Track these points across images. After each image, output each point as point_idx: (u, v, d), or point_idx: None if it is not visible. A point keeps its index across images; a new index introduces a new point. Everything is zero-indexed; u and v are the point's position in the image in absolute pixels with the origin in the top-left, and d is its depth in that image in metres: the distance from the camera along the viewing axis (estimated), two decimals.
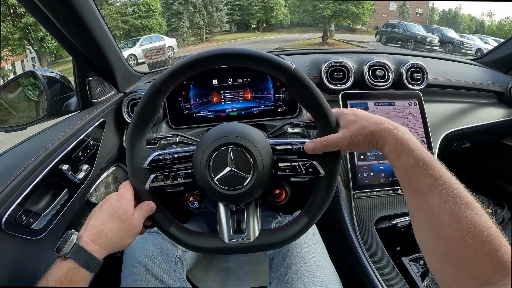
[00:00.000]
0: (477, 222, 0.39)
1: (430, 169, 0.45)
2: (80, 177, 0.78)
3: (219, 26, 16.56)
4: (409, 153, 0.48)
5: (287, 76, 0.57)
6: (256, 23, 17.92)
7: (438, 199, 0.43)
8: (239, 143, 0.57)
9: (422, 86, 1.07)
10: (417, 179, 0.46)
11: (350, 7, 15.60)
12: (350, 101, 0.96)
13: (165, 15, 15.61)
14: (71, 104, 0.99)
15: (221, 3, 16.32)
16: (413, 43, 12.60)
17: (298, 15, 16.82)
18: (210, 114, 1.01)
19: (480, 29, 22.24)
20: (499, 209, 1.25)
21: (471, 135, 1.18)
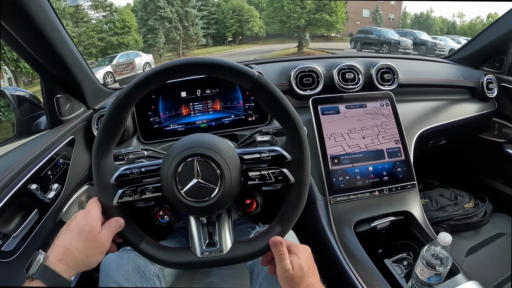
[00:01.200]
0: None
1: None
2: (50, 197, 0.76)
3: (195, 41, 16.54)
4: None
5: (251, 84, 0.56)
6: (232, 36, 17.97)
7: None
8: (205, 154, 0.56)
9: (393, 86, 1.08)
10: None
11: (324, 15, 15.86)
12: (321, 106, 0.96)
13: (141, 31, 15.54)
14: (41, 123, 0.97)
15: (197, 18, 16.32)
16: (387, 47, 12.87)
17: (273, 26, 16.96)
18: (180, 127, 1.00)
19: (452, 30, 22.96)
20: (481, 203, 1.26)
21: (446, 131, 1.19)
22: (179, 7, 15.55)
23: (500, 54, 1.43)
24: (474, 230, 1.20)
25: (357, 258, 0.84)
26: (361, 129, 0.96)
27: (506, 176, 1.43)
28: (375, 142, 0.96)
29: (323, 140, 0.93)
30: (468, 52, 1.44)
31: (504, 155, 1.38)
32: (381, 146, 0.97)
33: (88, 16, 14.71)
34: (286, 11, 15.84)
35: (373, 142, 0.96)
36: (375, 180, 0.94)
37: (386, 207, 0.94)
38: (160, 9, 14.99)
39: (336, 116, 0.96)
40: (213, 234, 0.64)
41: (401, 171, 0.97)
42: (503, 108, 1.39)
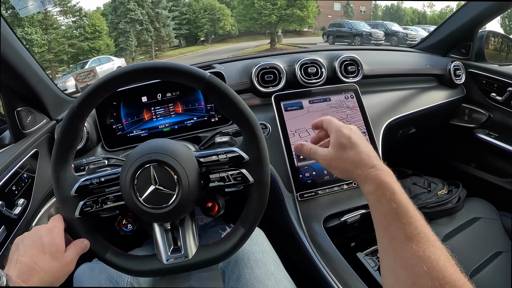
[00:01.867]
0: (454, 273, 0.39)
1: (411, 217, 0.44)
2: (16, 212, 0.74)
3: (167, 42, 16.52)
4: (392, 197, 0.46)
5: (203, 85, 0.55)
6: (205, 36, 18.06)
7: (417, 248, 0.41)
8: (160, 160, 0.55)
9: (358, 78, 1.07)
10: (396, 225, 0.44)
11: (295, 11, 16.03)
12: (284, 102, 0.94)
13: (112, 35, 15.41)
14: (5, 138, 0.94)
15: (168, 19, 16.27)
16: (359, 39, 13.18)
17: (245, 24, 17.01)
18: (144, 132, 0.97)
19: (423, 19, 23.78)
20: (454, 189, 1.26)
21: (415, 120, 1.19)
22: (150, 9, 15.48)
23: (467, 41, 1.44)
24: (449, 216, 1.21)
25: (328, 254, 0.83)
26: None
27: (479, 160, 1.44)
28: None
29: (287, 137, 0.91)
30: (435, 40, 1.45)
31: (475, 139, 1.39)
32: None
33: (57, 22, 14.43)
34: (257, 8, 15.95)
35: None
36: None
37: (356, 200, 0.93)
38: (130, 11, 14.92)
39: (300, 112, 0.94)
40: (177, 239, 0.63)
41: None
42: (472, 94, 1.40)
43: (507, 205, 1.30)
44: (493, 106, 1.37)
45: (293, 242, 0.90)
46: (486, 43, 1.48)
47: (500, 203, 1.30)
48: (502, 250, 1.12)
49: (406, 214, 0.44)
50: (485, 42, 1.46)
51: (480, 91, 1.39)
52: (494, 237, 1.19)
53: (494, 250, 1.11)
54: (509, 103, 1.31)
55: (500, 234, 1.21)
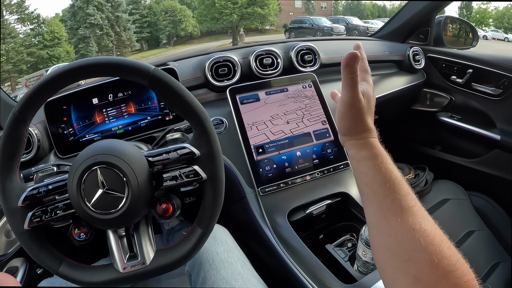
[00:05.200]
0: (450, 247, 0.38)
1: (407, 189, 0.42)
2: None
3: (129, 46, 16.18)
4: (390, 167, 0.44)
5: (148, 79, 0.52)
6: (167, 38, 17.84)
7: (413, 221, 0.39)
8: (107, 161, 0.52)
9: (316, 67, 1.05)
10: (393, 196, 0.41)
11: (256, 9, 16.20)
12: (239, 95, 0.91)
13: (71, 41, 14.93)
14: None
15: (128, 22, 15.96)
16: (321, 35, 13.44)
17: (207, 24, 17.03)
18: (97, 136, 0.92)
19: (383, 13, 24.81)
20: (421, 172, 1.28)
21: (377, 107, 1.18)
22: (109, 13, 15.16)
23: (425, 26, 1.46)
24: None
25: (295, 248, 0.81)
26: (284, 114, 0.93)
27: (444, 143, 1.47)
28: (300, 125, 0.93)
29: (244, 131, 0.88)
30: (393, 28, 1.46)
31: (439, 123, 1.41)
32: (307, 129, 0.94)
33: (15, 30, 13.86)
34: (218, 7, 16.02)
35: (298, 126, 0.93)
36: (305, 165, 0.91)
37: (321, 191, 0.91)
38: (89, 16, 14.54)
39: (256, 104, 0.92)
40: (133, 246, 0.59)
41: (332, 152, 0.95)
42: (432, 78, 1.42)
43: (475, 185, 1.32)
44: (454, 89, 1.40)
45: (258, 238, 0.87)
46: (444, 28, 1.51)
47: (468, 183, 1.32)
48: (474, 229, 1.14)
49: (403, 185, 0.42)
50: (443, 27, 1.49)
51: (440, 75, 1.41)
52: (465, 217, 1.20)
53: (467, 230, 1.12)
54: (469, 85, 1.34)
55: (471, 213, 1.23)
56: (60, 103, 0.88)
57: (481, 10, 22.77)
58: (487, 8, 22.58)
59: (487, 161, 1.34)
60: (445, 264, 0.36)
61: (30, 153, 0.84)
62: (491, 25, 22.42)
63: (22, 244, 0.55)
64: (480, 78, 1.32)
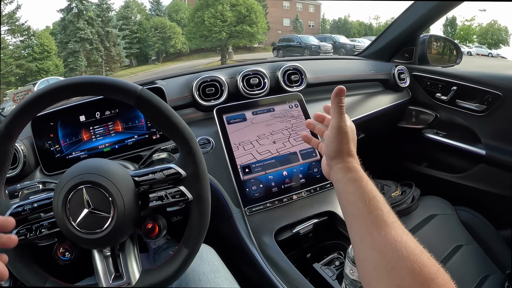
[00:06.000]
0: (430, 258, 0.40)
1: (388, 207, 0.46)
2: None
3: (118, 62, 16.26)
4: (373, 187, 0.49)
5: (134, 99, 0.54)
6: (156, 54, 17.97)
7: (395, 234, 0.42)
8: (92, 181, 0.52)
9: (302, 87, 1.07)
10: (377, 212, 0.45)
11: (245, 27, 16.51)
12: (226, 115, 0.92)
13: (61, 55, 14.92)
14: None
15: (118, 37, 16.06)
16: (308, 53, 13.70)
17: (196, 41, 17.22)
18: (83, 153, 0.92)
19: (369, 31, 25.71)
20: (408, 189, 1.29)
21: (363, 125, 1.21)
22: (100, 28, 15.23)
23: (409, 45, 1.51)
24: (405, 217, 1.22)
25: (282, 267, 0.81)
26: (271, 134, 0.94)
27: (430, 159, 1.49)
28: (286, 145, 0.94)
29: (231, 150, 0.89)
30: (378, 47, 1.50)
31: (424, 139, 1.44)
32: (293, 148, 0.95)
33: (5, 42, 13.73)
34: (207, 25, 16.24)
35: (284, 145, 0.94)
36: (291, 184, 0.92)
37: (307, 210, 0.92)
38: (80, 30, 14.57)
39: (243, 124, 0.93)
40: (119, 265, 0.59)
41: (318, 171, 0.96)
42: (417, 96, 1.46)
43: (461, 199, 1.34)
44: (439, 106, 1.43)
45: (245, 258, 0.87)
46: (428, 47, 1.55)
47: (455, 198, 1.33)
48: (462, 243, 1.14)
49: (385, 204, 0.46)
50: (427, 45, 1.54)
51: (425, 93, 1.45)
52: (453, 232, 1.21)
53: (455, 244, 1.13)
54: (454, 102, 1.37)
55: (458, 228, 1.23)
56: (47, 120, 0.88)
57: (465, 27, 23.65)
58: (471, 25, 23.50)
59: (473, 175, 1.36)
60: (426, 272, 0.38)
61: (16, 169, 0.83)
62: (475, 41, 23.24)
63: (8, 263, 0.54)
64: (464, 95, 1.35)
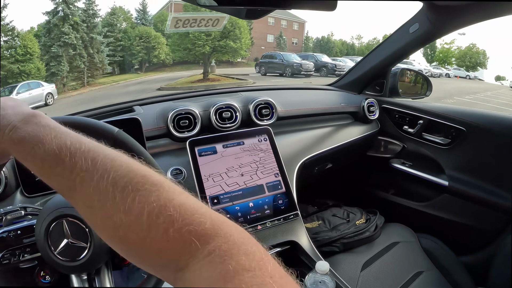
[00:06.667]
0: (131, 206, 0.31)
1: (60, 162, 0.34)
2: None
3: (100, 69, 16.01)
4: (32, 153, 0.36)
5: (112, 140, 0.58)
6: (139, 63, 17.81)
7: (82, 196, 0.33)
8: (72, 214, 0.57)
9: (272, 120, 1.13)
10: (53, 180, 0.35)
11: (228, 42, 16.51)
12: (198, 147, 0.97)
13: (43, 58, 14.56)
14: None
15: (102, 44, 15.88)
16: (290, 71, 13.80)
17: (179, 54, 17.22)
18: None
19: (351, 51, 26.34)
20: (372, 216, 1.35)
21: (331, 156, 1.27)
22: (84, 33, 15.00)
23: (380, 78, 1.59)
24: (368, 244, 1.27)
25: None
26: (239, 167, 0.99)
27: (396, 187, 1.56)
28: (254, 178, 1.00)
29: (201, 182, 0.94)
30: (351, 78, 1.58)
31: (391, 168, 1.51)
32: (260, 181, 1.00)
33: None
34: (191, 38, 16.20)
35: (252, 178, 0.99)
36: (257, 215, 0.97)
37: (271, 240, 0.96)
38: (64, 35, 14.27)
39: (214, 157, 0.98)
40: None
41: (283, 202, 1.01)
42: (386, 127, 1.54)
43: (424, 227, 1.41)
44: (406, 137, 1.51)
45: None
46: (400, 80, 1.64)
47: (418, 226, 1.40)
48: (422, 270, 1.19)
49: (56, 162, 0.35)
50: (398, 78, 1.62)
51: (394, 125, 1.53)
52: (414, 259, 1.26)
53: (415, 271, 1.17)
54: (420, 135, 1.45)
55: (420, 255, 1.29)
56: None
57: (445, 49, 24.56)
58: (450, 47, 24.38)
59: (436, 204, 1.43)
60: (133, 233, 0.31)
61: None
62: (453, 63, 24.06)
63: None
64: (430, 129, 1.43)
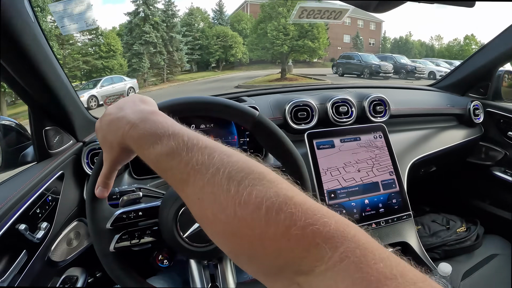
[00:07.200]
0: (247, 200, 0.28)
1: (177, 156, 0.35)
2: (39, 237, 0.71)
3: (179, 66, 16.79)
4: (150, 150, 0.38)
5: (251, 123, 0.56)
6: (216, 62, 18.37)
7: (194, 189, 0.32)
8: None
9: (385, 118, 1.10)
10: (167, 175, 0.36)
11: (307, 42, 16.28)
12: (316, 140, 0.97)
13: (125, 55, 15.70)
14: (28, 155, 0.91)
15: (181, 43, 16.61)
16: (369, 72, 13.15)
17: (257, 53, 17.34)
18: None
19: (431, 52, 24.24)
20: (472, 226, 1.28)
21: (436, 159, 1.22)
22: (164, 32, 15.84)
23: (485, 80, 1.48)
24: (468, 254, 1.22)
25: None
26: (356, 163, 0.98)
27: (495, 197, 1.46)
28: (369, 174, 0.98)
29: (319, 175, 0.94)
30: (454, 80, 1.50)
31: (492, 177, 1.41)
32: (376, 178, 0.98)
33: (74, 38, 14.65)
34: (269, 38, 16.22)
35: (368, 175, 0.98)
36: (372, 213, 0.96)
37: (384, 239, 0.95)
38: (145, 34, 15.26)
39: (331, 150, 0.97)
40: (215, 276, 0.62)
41: (396, 202, 0.99)
42: (489, 132, 1.44)
43: None
44: (509, 144, 1.40)
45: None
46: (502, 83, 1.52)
47: None
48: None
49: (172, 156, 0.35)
50: (501, 81, 1.51)
51: (497, 130, 1.43)
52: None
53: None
54: None
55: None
56: None
57: None
58: None
59: None
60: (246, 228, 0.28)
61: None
62: None
63: (105, 265, 0.56)
64: None
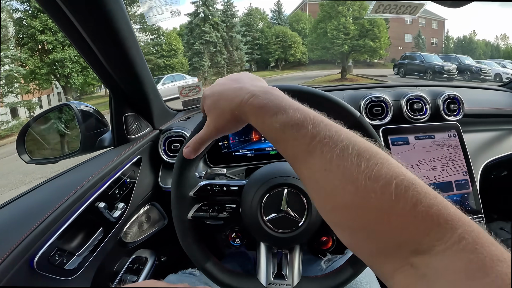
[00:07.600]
0: (378, 175, 0.29)
1: (304, 128, 0.35)
2: (115, 216, 0.75)
3: (239, 65, 17.05)
4: (274, 119, 0.37)
5: (351, 122, 0.55)
6: (275, 62, 18.51)
7: (320, 161, 0.32)
8: (296, 185, 0.56)
9: (459, 116, 1.07)
10: (289, 144, 0.36)
11: (367, 41, 15.90)
12: (391, 136, 0.97)
13: (186, 54, 16.25)
14: (105, 140, 0.95)
15: (241, 43, 16.90)
16: (431, 73, 12.43)
17: (317, 52, 17.12)
18: (250, 153, 1.00)
19: (496, 53, 22.49)
20: None
21: (508, 162, 1.17)
22: (224, 32, 16.25)
23: None
24: None
25: None
26: (430, 161, 0.97)
27: None
28: (443, 174, 0.96)
29: None
30: None
31: None
32: (449, 178, 0.97)
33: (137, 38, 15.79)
34: (329, 37, 16.00)
35: (442, 174, 0.96)
36: None
37: None
38: (205, 33, 15.76)
39: (406, 147, 0.97)
40: (283, 265, 0.62)
41: (469, 203, 0.97)
42: None
43: None
44: None
45: None
46: None
47: None
48: None
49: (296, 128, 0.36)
50: None
51: None
52: None
53: None
54: None
55: None
56: None
57: None
58: None
59: None
60: (374, 202, 0.28)
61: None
62: None
63: (180, 232, 0.58)
64: None
